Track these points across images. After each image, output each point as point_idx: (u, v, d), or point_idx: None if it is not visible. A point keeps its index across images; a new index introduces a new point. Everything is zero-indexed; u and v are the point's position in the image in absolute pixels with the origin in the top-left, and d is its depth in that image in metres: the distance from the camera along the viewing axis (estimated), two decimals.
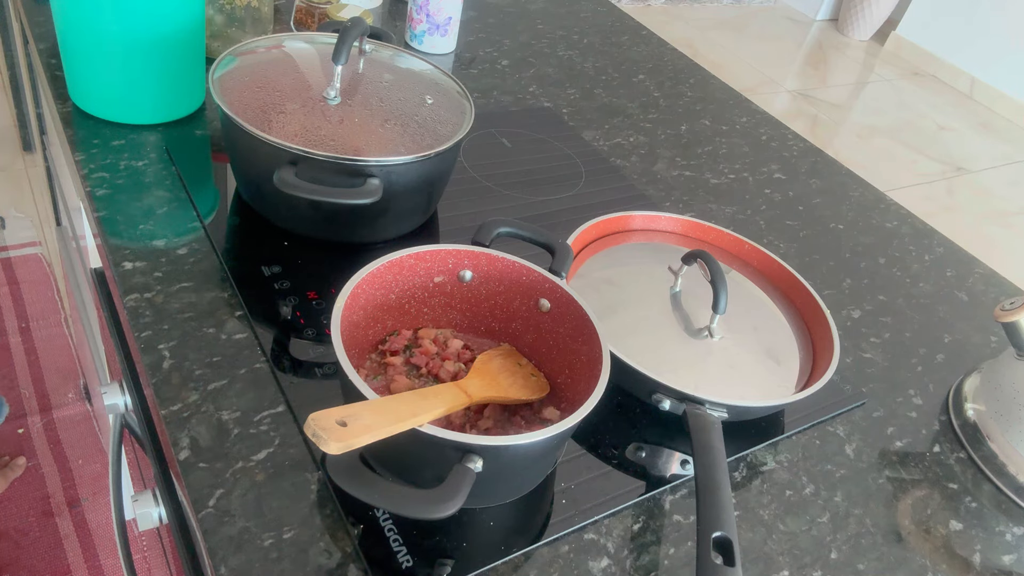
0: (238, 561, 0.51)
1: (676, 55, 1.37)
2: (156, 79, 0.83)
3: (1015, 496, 0.70)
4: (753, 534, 0.61)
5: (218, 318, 0.66)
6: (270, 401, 0.61)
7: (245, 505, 0.54)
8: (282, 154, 0.67)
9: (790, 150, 1.15)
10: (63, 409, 1.64)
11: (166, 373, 0.61)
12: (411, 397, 0.51)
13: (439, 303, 0.65)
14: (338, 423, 0.44)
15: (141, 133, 0.85)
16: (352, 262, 0.73)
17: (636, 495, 0.61)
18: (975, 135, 3.75)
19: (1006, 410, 0.71)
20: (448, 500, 0.45)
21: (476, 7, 1.34)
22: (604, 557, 0.57)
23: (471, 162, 0.93)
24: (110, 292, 0.85)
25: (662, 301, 0.73)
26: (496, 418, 0.59)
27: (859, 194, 1.09)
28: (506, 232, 0.66)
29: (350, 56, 0.79)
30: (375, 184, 0.68)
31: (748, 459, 0.67)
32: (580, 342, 0.60)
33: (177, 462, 0.56)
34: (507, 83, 1.13)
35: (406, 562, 0.52)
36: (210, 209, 0.77)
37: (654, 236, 0.82)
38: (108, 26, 0.77)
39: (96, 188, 0.76)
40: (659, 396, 0.63)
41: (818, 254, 0.94)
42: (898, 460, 0.71)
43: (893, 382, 0.79)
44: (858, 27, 4.51)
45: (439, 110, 0.77)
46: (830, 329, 0.72)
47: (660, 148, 1.07)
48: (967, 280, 0.97)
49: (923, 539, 0.64)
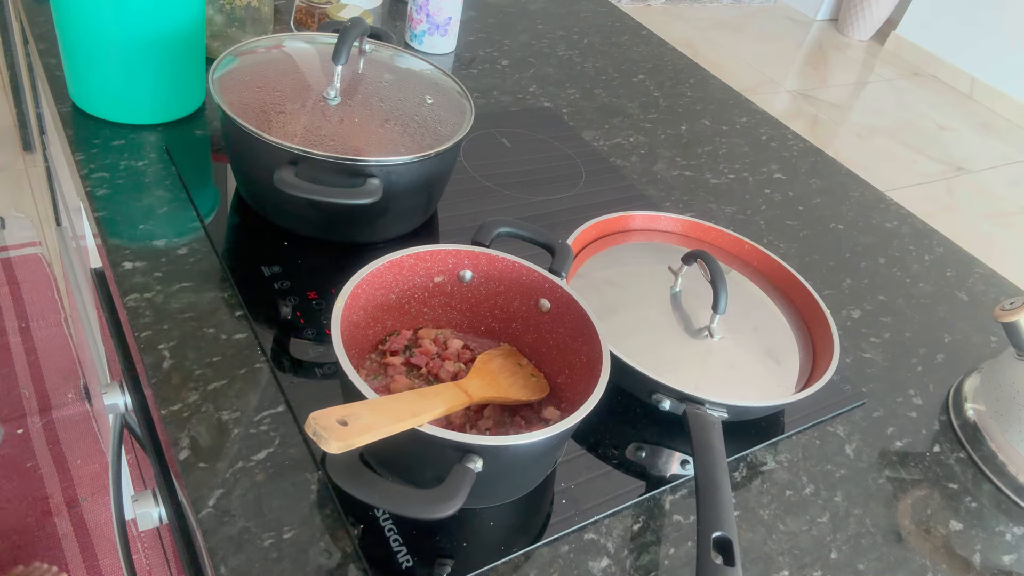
0: (238, 561, 0.51)
1: (676, 55, 1.37)
2: (156, 79, 0.83)
3: (1015, 496, 0.70)
4: (753, 534, 0.61)
5: (218, 318, 0.66)
6: (270, 401, 0.61)
7: (245, 505, 0.54)
8: (282, 154, 0.67)
9: (790, 150, 1.15)
10: (63, 409, 1.64)
11: (166, 373, 0.61)
12: (411, 397, 0.51)
13: (439, 303, 0.65)
14: (339, 422, 0.44)
15: (141, 133, 0.85)
16: (352, 262, 0.73)
17: (636, 495, 0.61)
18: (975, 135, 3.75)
19: (1006, 410, 0.71)
20: (448, 500, 0.45)
21: (476, 7, 1.34)
22: (604, 557, 0.57)
23: (471, 162, 0.93)
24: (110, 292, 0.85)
25: (662, 301, 0.73)
26: (496, 418, 0.59)
27: (859, 194, 1.09)
28: (506, 232, 0.66)
29: (350, 56, 0.79)
30: (375, 184, 0.68)
31: (748, 459, 0.67)
32: (580, 342, 0.60)
33: (177, 462, 0.56)
34: (507, 83, 1.13)
35: (406, 562, 0.52)
36: (210, 209, 0.77)
37: (654, 236, 0.82)
38: (108, 26, 0.77)
39: (96, 188, 0.76)
40: (659, 396, 0.63)
41: (818, 254, 0.94)
42: (898, 460, 0.71)
43: (893, 382, 0.79)
44: (858, 27, 4.51)
45: (439, 110, 0.77)
46: (830, 329, 0.72)
47: (660, 148, 1.07)
48: (967, 280, 0.97)
49: (923, 539, 0.64)
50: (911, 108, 3.87)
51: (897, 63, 4.34)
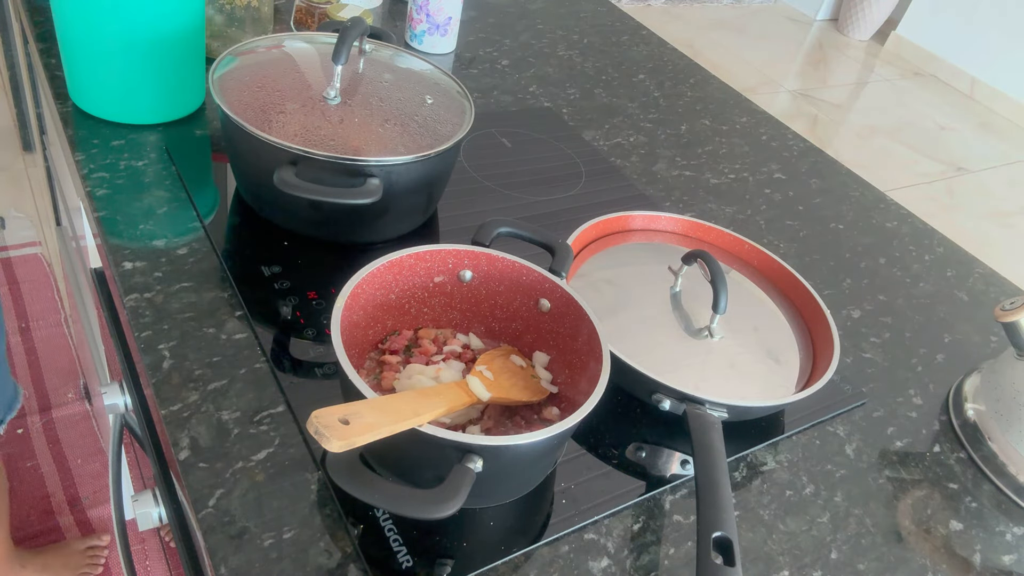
0: (238, 561, 0.51)
1: (676, 55, 1.37)
2: (156, 79, 0.83)
3: (1015, 496, 0.70)
4: (753, 534, 0.61)
5: (218, 318, 0.66)
6: (270, 401, 0.61)
7: (245, 505, 0.54)
8: (282, 154, 0.67)
9: (790, 150, 1.15)
10: (63, 409, 1.64)
11: (166, 373, 0.61)
12: (413, 396, 0.51)
13: (439, 303, 0.65)
14: (340, 421, 0.44)
15: (141, 133, 0.85)
16: (352, 262, 0.73)
17: (636, 495, 0.61)
18: (975, 135, 3.75)
19: (1006, 410, 0.71)
20: (448, 500, 0.45)
21: (476, 7, 1.34)
22: (604, 557, 0.57)
23: (471, 162, 0.93)
24: (110, 292, 0.85)
25: (662, 301, 0.73)
26: (496, 418, 0.59)
27: (859, 194, 1.09)
28: (506, 232, 0.66)
29: (350, 56, 0.79)
30: (375, 184, 0.68)
31: (748, 459, 0.67)
32: (580, 342, 0.60)
33: (177, 462, 0.56)
34: (507, 83, 1.13)
35: (406, 562, 0.52)
36: (210, 209, 0.77)
37: (654, 236, 0.82)
38: (108, 26, 0.77)
39: (96, 188, 0.76)
40: (659, 396, 0.63)
41: (818, 254, 0.94)
42: (898, 460, 0.71)
43: (893, 382, 0.79)
44: (858, 27, 4.51)
45: (439, 110, 0.77)
46: (830, 329, 0.72)
47: (660, 148, 1.07)
48: (967, 280, 0.97)
49: (923, 539, 0.65)
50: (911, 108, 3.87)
51: (897, 63, 4.34)
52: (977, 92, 4.09)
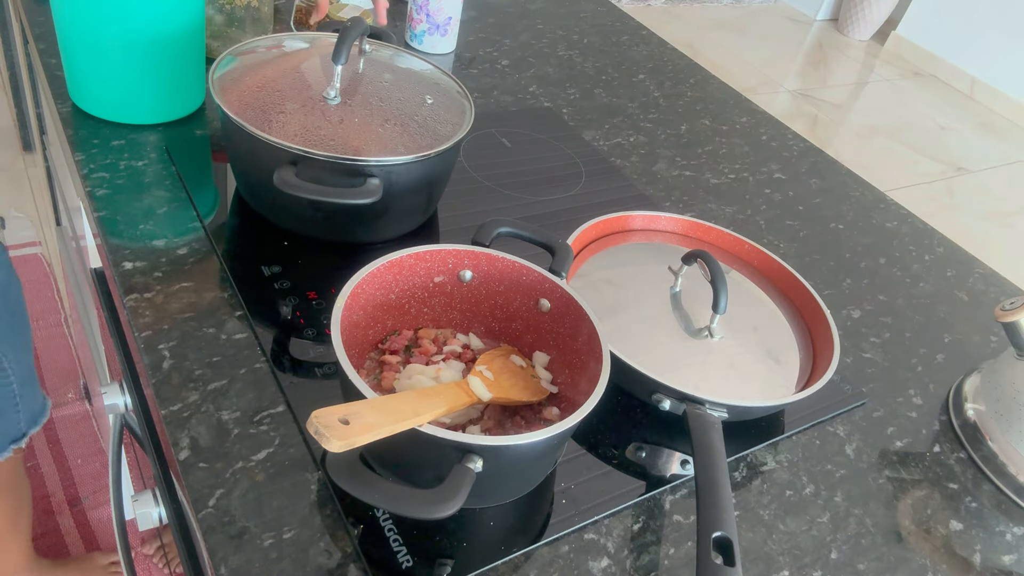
0: (238, 561, 0.51)
1: (676, 55, 1.37)
2: (156, 79, 0.83)
3: (1015, 496, 0.70)
4: (753, 534, 0.61)
5: (218, 318, 0.66)
6: (270, 401, 0.61)
7: (245, 505, 0.54)
8: (282, 154, 0.67)
9: (790, 150, 1.15)
10: (63, 409, 1.64)
11: (166, 373, 0.61)
12: (413, 396, 0.51)
13: (439, 303, 0.65)
14: (341, 421, 0.44)
15: (141, 133, 0.85)
16: (352, 262, 0.73)
17: (636, 495, 0.61)
18: (975, 135, 3.75)
19: (1006, 410, 0.71)
20: (448, 500, 0.45)
21: (476, 7, 1.34)
22: (604, 557, 0.57)
23: (471, 162, 0.93)
24: (110, 292, 0.85)
25: (662, 301, 0.73)
26: (496, 418, 0.59)
27: (859, 194, 1.09)
28: (506, 232, 0.66)
29: (350, 56, 0.79)
30: (375, 184, 0.68)
31: (748, 459, 0.67)
32: (580, 342, 0.60)
33: (177, 462, 0.56)
34: (507, 83, 1.13)
35: (406, 562, 0.52)
36: (210, 209, 0.77)
37: (654, 236, 0.82)
38: (108, 26, 0.77)
39: (96, 188, 0.76)
40: (659, 396, 0.63)
41: (818, 254, 0.94)
42: (898, 460, 0.71)
43: (893, 382, 0.79)
44: (858, 27, 4.51)
45: (439, 110, 0.77)
46: (830, 329, 0.72)
47: (660, 148, 1.07)
48: (967, 280, 0.97)
49: (923, 539, 0.65)
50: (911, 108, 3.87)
51: (897, 63, 4.34)
52: (977, 92, 4.09)
